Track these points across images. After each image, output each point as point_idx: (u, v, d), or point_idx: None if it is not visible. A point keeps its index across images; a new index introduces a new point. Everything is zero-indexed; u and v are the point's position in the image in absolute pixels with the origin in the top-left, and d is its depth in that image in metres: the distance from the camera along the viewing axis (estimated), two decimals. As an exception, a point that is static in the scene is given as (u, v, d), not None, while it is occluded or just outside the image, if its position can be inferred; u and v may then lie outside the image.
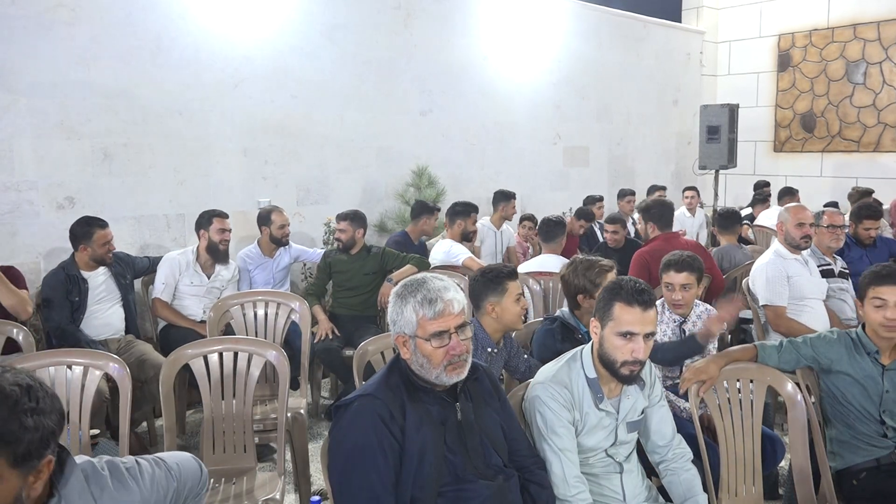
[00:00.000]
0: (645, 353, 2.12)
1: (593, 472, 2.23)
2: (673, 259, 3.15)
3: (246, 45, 5.41)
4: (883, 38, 8.71)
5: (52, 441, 1.27)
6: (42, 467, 1.25)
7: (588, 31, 8.31)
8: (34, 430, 1.22)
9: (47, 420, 1.25)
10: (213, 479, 2.72)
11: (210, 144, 5.28)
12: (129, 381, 2.58)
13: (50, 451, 1.27)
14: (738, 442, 2.61)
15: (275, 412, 3.32)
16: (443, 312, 1.87)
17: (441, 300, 1.88)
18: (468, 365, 1.92)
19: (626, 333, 2.10)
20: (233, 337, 3.34)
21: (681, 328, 3.15)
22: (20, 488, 1.23)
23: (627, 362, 2.11)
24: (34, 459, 1.23)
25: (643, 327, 2.10)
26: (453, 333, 1.88)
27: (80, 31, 4.58)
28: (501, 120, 7.43)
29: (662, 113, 9.46)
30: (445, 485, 1.87)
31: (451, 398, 1.95)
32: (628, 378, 2.14)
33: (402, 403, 1.86)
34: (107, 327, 4.04)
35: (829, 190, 8.91)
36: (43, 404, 1.25)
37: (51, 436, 1.26)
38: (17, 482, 1.22)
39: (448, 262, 4.83)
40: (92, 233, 3.98)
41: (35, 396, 1.25)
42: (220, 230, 4.39)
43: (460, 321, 1.90)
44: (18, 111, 4.39)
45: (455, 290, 1.93)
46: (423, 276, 1.96)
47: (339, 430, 1.87)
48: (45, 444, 1.25)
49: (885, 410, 2.57)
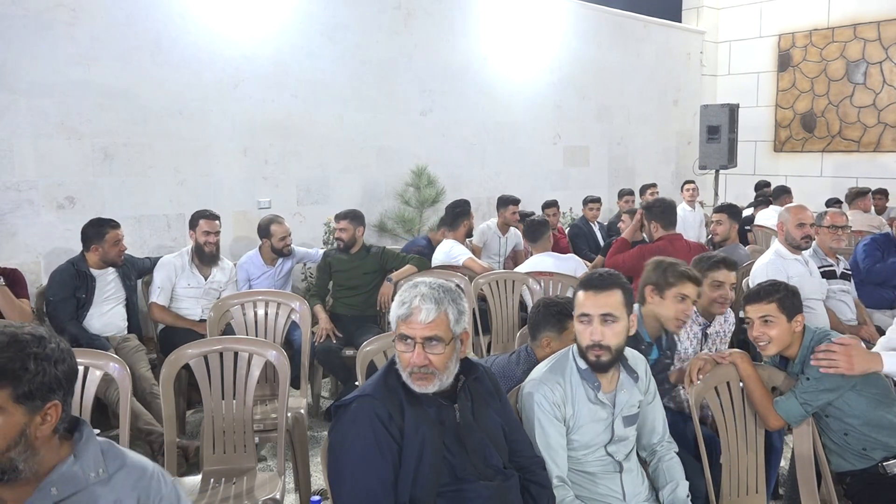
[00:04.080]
0: (607, 337, 2.13)
1: (592, 472, 2.23)
2: (723, 258, 3.22)
3: (246, 45, 5.40)
4: (883, 37, 8.71)
5: (59, 389, 1.38)
6: (48, 411, 1.36)
7: (588, 31, 8.31)
8: (35, 373, 1.34)
9: (52, 367, 1.37)
10: (213, 479, 2.72)
11: (210, 144, 5.27)
12: (128, 381, 2.58)
13: (56, 398, 1.37)
14: (740, 443, 2.61)
15: (275, 412, 3.31)
16: (408, 317, 1.85)
17: (410, 305, 1.85)
18: (437, 380, 1.86)
19: (582, 316, 2.17)
20: (233, 337, 3.33)
21: (704, 333, 3.17)
22: (25, 424, 1.34)
23: (590, 346, 2.15)
24: (37, 400, 1.35)
25: (597, 309, 2.14)
26: (419, 344, 1.84)
27: (80, 31, 4.58)
28: (501, 120, 7.43)
29: (662, 113, 9.45)
30: (445, 485, 1.87)
31: (448, 400, 1.94)
32: (596, 364, 2.16)
33: (401, 403, 1.86)
34: (109, 326, 4.04)
35: (830, 190, 8.91)
36: (50, 353, 1.37)
37: (55, 382, 1.37)
38: (21, 418, 1.33)
39: (448, 262, 4.82)
40: (104, 233, 3.99)
41: (44, 345, 1.37)
42: (204, 232, 4.33)
43: (428, 333, 1.84)
44: (18, 111, 4.38)
45: (432, 302, 1.85)
46: (423, 279, 1.94)
47: (338, 430, 1.87)
48: (49, 388, 1.36)
49: None
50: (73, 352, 1.47)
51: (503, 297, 4.36)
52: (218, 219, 4.43)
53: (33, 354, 1.35)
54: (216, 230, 4.37)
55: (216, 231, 4.37)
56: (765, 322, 2.59)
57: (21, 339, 1.35)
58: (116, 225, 4.06)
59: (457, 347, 1.91)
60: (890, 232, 4.72)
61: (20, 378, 1.32)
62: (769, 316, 2.58)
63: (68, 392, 1.41)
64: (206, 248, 4.34)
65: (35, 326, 1.41)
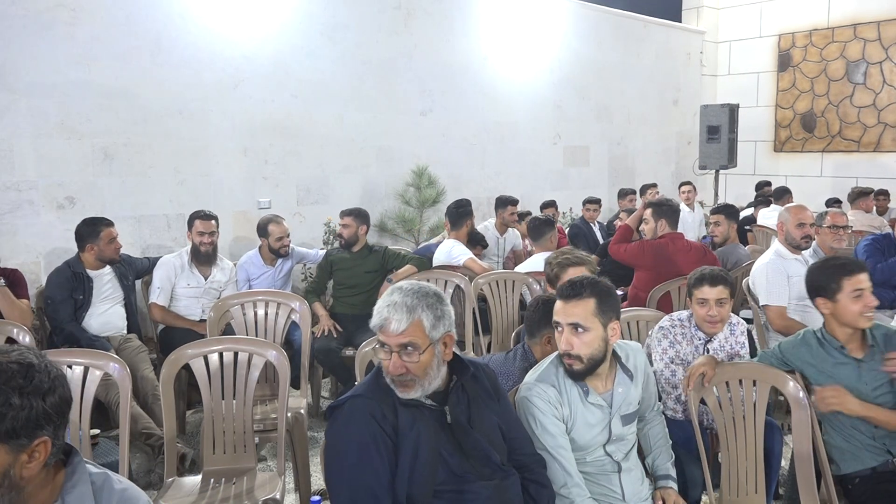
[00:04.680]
0: (576, 346, 2.12)
1: (591, 472, 2.23)
2: (706, 273, 2.97)
3: (246, 45, 5.40)
4: (883, 37, 8.71)
5: (48, 423, 1.26)
6: (36, 448, 1.25)
7: (588, 31, 8.31)
8: (20, 409, 1.22)
9: (39, 402, 1.24)
10: (213, 479, 2.72)
11: (210, 144, 5.27)
12: (129, 382, 2.58)
13: (45, 433, 1.25)
14: (739, 443, 2.61)
15: (275, 412, 3.31)
16: (381, 327, 1.86)
17: (381, 315, 1.86)
18: (418, 386, 1.86)
19: (555, 323, 2.19)
20: (233, 337, 3.34)
21: (705, 347, 2.99)
22: (9, 465, 1.23)
23: (563, 355, 2.17)
24: (22, 437, 1.23)
25: (565, 318, 2.15)
26: (395, 352, 1.84)
27: (80, 31, 4.58)
28: (501, 120, 7.43)
29: (662, 113, 9.45)
30: (443, 483, 1.87)
31: (440, 403, 1.93)
32: (569, 372, 2.16)
33: (393, 403, 1.86)
34: (108, 326, 4.04)
35: (830, 190, 8.91)
36: (38, 384, 1.25)
37: (44, 417, 1.25)
38: (5, 457, 1.22)
39: (449, 262, 4.82)
40: (99, 231, 3.99)
41: (31, 376, 1.25)
42: (199, 232, 4.34)
43: (403, 341, 1.83)
44: (18, 111, 4.38)
45: (404, 311, 1.83)
46: (400, 285, 1.92)
47: (334, 430, 1.89)
48: (35, 424, 1.24)
49: None
50: (69, 353, 1.39)
51: (503, 297, 4.36)
52: (214, 219, 4.42)
53: (18, 388, 1.23)
54: (211, 230, 4.37)
55: (210, 231, 4.37)
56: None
57: (5, 371, 1.23)
58: (110, 223, 4.06)
59: (437, 352, 1.88)
60: (890, 232, 4.72)
61: (3, 415, 1.21)
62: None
63: (59, 425, 1.29)
64: (201, 248, 4.34)
65: (23, 353, 1.29)
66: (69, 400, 1.33)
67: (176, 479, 2.72)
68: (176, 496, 2.60)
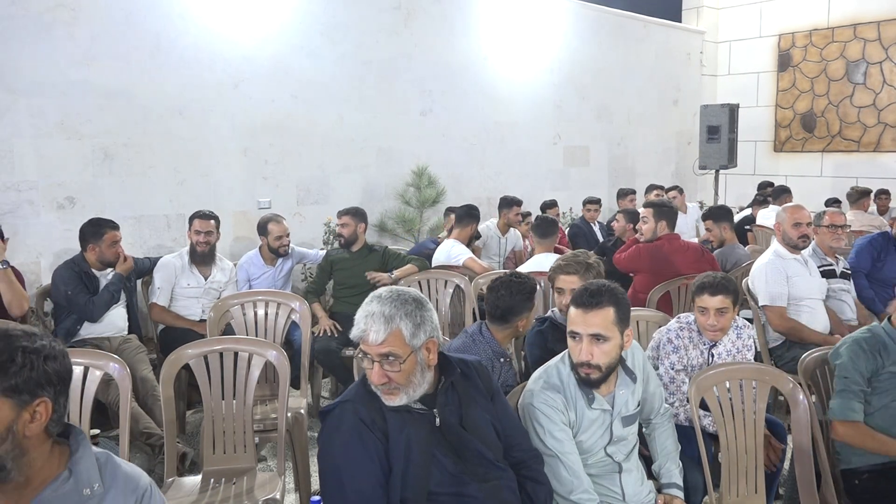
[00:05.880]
0: (596, 356, 2.10)
1: (592, 473, 2.22)
2: (707, 281, 2.91)
3: (246, 45, 5.41)
4: (883, 37, 8.71)
5: (49, 385, 1.35)
6: (37, 408, 1.33)
7: (588, 31, 8.31)
8: (23, 367, 1.31)
9: (41, 362, 1.34)
10: (213, 479, 2.72)
11: (210, 144, 5.27)
12: (129, 382, 2.58)
13: (46, 394, 1.34)
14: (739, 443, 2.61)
15: (275, 412, 3.31)
16: (361, 337, 1.85)
17: (359, 326, 1.85)
18: (403, 394, 1.85)
19: (573, 333, 2.15)
20: (233, 337, 3.33)
21: (710, 352, 2.96)
22: (12, 420, 1.31)
23: (579, 364, 2.14)
24: (25, 394, 1.31)
25: (586, 328, 2.11)
26: (376, 362, 1.83)
27: (80, 31, 4.58)
28: (501, 120, 7.43)
29: (662, 113, 9.45)
30: (439, 485, 1.86)
31: (429, 406, 1.92)
32: (584, 381, 2.15)
33: (381, 407, 1.86)
34: (110, 327, 4.03)
35: (830, 190, 8.90)
36: (39, 348, 1.35)
37: (45, 378, 1.34)
38: (8, 413, 1.30)
39: (449, 262, 4.82)
40: (102, 233, 3.98)
41: (34, 340, 1.35)
42: (196, 231, 4.34)
43: (382, 351, 1.82)
44: (18, 111, 4.38)
45: (381, 321, 1.82)
46: (379, 292, 1.91)
47: (325, 435, 1.89)
48: (37, 383, 1.33)
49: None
50: (69, 353, 1.44)
51: (503, 297, 4.35)
52: (213, 219, 4.42)
53: (21, 348, 1.32)
54: (208, 230, 4.36)
55: (208, 230, 4.36)
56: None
57: (10, 333, 1.33)
58: (115, 226, 4.05)
59: (419, 359, 1.86)
60: (889, 231, 4.71)
61: (6, 370, 1.30)
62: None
63: (60, 392, 1.37)
64: (197, 247, 4.34)
65: (32, 327, 1.40)
66: (69, 371, 1.41)
67: (176, 479, 2.72)
68: (176, 496, 2.60)
